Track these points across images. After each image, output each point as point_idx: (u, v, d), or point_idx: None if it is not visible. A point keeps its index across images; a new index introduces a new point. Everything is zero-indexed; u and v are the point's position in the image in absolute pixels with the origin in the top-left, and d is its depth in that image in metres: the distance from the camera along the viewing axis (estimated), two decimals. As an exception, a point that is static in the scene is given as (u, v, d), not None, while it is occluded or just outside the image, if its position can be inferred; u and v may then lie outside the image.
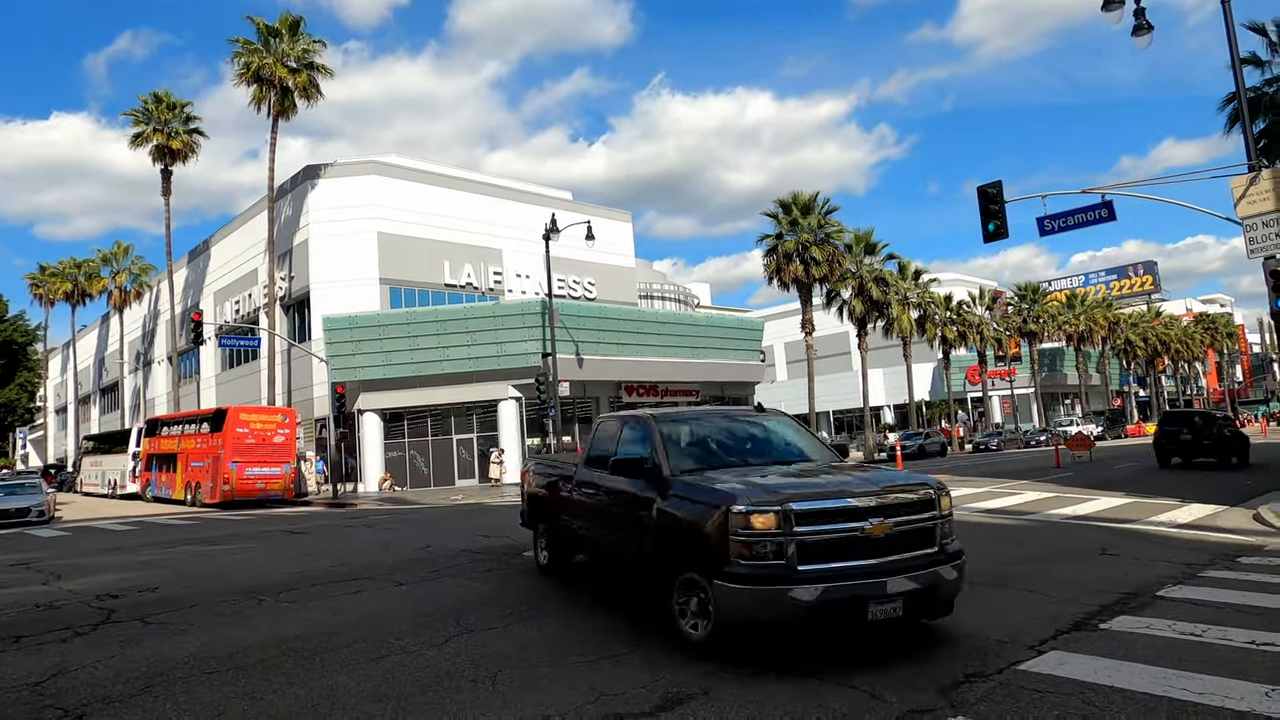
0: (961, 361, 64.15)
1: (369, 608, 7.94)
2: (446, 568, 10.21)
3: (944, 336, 55.85)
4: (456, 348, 33.61)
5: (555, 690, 5.05)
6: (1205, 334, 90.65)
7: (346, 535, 15.66)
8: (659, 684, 5.07)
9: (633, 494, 6.70)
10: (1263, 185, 14.11)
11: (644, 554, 6.41)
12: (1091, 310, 70.18)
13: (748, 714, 4.49)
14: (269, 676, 5.65)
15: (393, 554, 11.97)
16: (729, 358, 41.93)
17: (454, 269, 40.73)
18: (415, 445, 34.44)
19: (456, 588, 8.84)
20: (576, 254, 41.76)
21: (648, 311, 45.83)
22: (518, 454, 33.63)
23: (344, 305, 35.74)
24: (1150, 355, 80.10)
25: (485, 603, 7.86)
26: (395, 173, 40.38)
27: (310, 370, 36.42)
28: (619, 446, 7.42)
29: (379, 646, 6.32)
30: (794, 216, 41.54)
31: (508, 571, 9.82)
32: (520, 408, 33.77)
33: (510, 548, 11.77)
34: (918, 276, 52.04)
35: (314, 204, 38.50)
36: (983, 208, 17.33)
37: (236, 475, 27.53)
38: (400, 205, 39.22)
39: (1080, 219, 16.58)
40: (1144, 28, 15.94)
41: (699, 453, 6.97)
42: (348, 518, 20.56)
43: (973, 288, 65.17)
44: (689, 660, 5.55)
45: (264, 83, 35.78)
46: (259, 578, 10.15)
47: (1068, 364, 74.03)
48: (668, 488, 6.25)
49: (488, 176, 47.82)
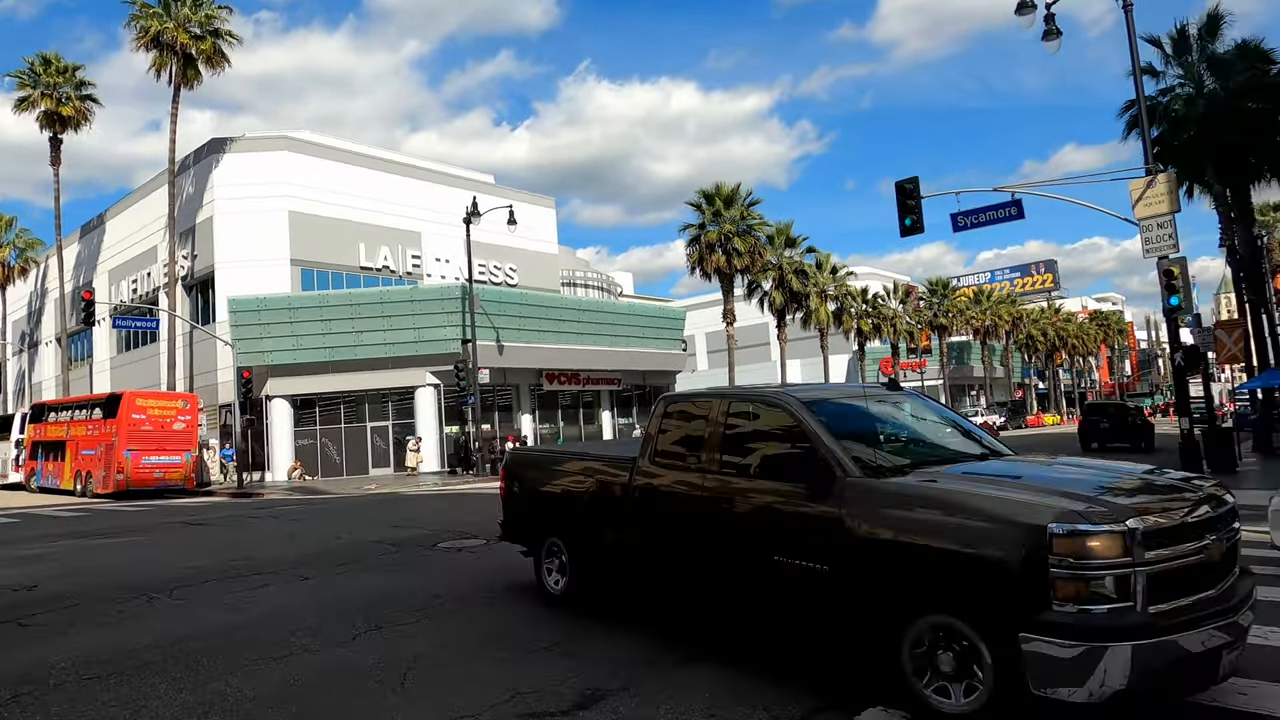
0: (875, 353, 66.01)
1: (271, 604, 7.52)
2: (356, 560, 9.80)
3: (859, 329, 57.31)
4: (372, 332, 32.56)
5: (468, 689, 4.83)
6: (1099, 330, 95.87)
7: (250, 527, 14.95)
8: (579, 679, 4.90)
9: (791, 504, 4.83)
10: (1159, 188, 14.83)
11: (821, 588, 4.59)
12: (997, 306, 73.26)
13: (669, 710, 4.38)
14: (155, 681, 5.24)
15: (299, 546, 11.44)
16: (651, 346, 41.98)
17: (370, 251, 39.45)
18: (328, 433, 33.27)
19: (367, 581, 8.47)
20: (498, 239, 41.02)
21: (570, 299, 45.43)
22: (435, 442, 32.91)
23: (252, 286, 34.13)
24: (1049, 349, 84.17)
25: (398, 597, 7.53)
26: (308, 149, 38.76)
27: (215, 354, 34.70)
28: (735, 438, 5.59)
29: (280, 646, 5.96)
30: (717, 207, 41.79)
31: (424, 563, 9.48)
32: (438, 395, 33.01)
33: (426, 538, 11.41)
34: (835, 270, 53.20)
35: (220, 179, 36.62)
36: (900, 203, 17.71)
37: (132, 464, 26.03)
38: (313, 183, 37.69)
39: (991, 216, 17.12)
40: (1053, 33, 16.53)
41: (872, 445, 5.19)
42: (253, 508, 19.67)
43: (887, 282, 67.09)
44: (612, 654, 5.41)
45: (164, 49, 33.71)
46: (151, 573, 9.52)
47: (974, 357, 77.09)
48: (858, 493, 4.53)
49: (407, 157, 46.46)
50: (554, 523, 7.02)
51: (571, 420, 39.87)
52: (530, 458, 8.19)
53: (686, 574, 5.64)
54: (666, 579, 5.88)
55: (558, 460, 7.39)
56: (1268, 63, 24.63)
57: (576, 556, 6.76)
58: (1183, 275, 14.79)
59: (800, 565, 4.70)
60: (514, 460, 8.02)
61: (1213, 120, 24.20)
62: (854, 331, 57.14)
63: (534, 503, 7.24)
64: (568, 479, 6.94)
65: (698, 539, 5.51)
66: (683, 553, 5.64)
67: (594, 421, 40.76)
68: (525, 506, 7.40)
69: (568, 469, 7.04)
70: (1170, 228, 14.83)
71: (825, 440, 4.85)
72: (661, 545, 5.83)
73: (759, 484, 5.15)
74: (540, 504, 7.16)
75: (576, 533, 6.73)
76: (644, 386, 43.52)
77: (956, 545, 4.03)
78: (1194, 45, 25.39)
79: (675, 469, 5.82)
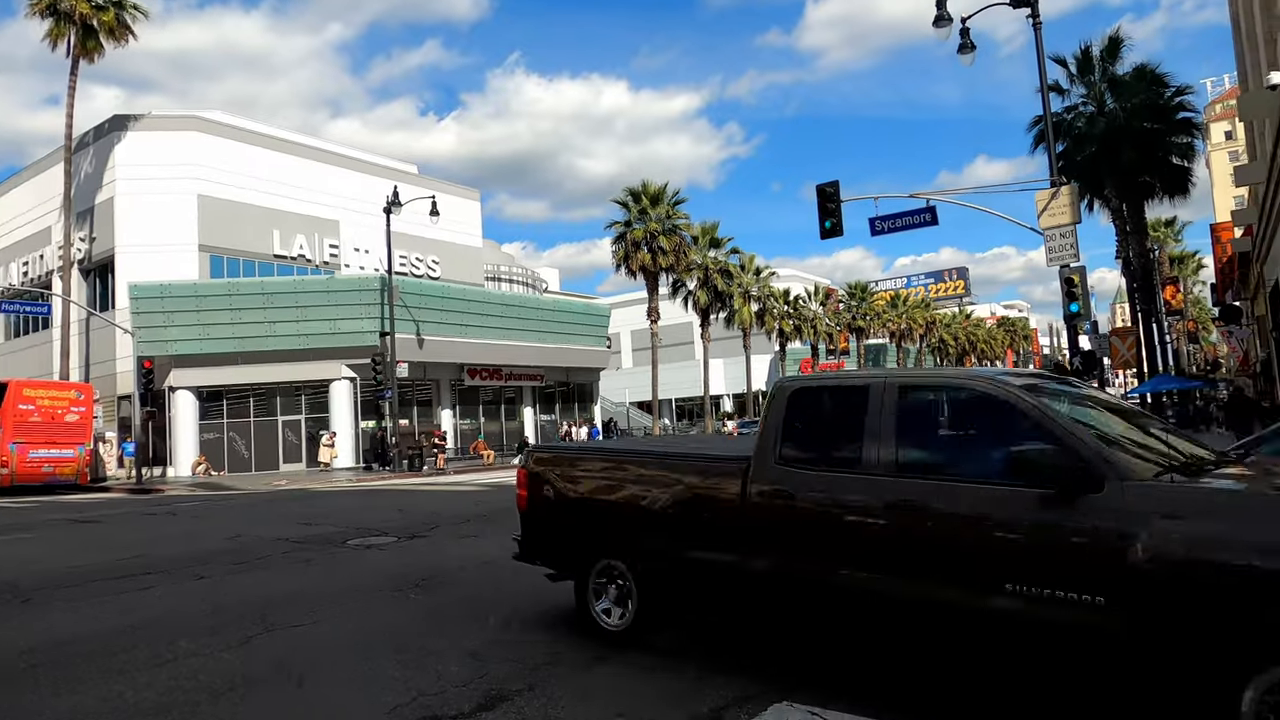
0: (796, 354, 67.33)
1: (161, 605, 7.12)
2: (257, 558, 9.39)
3: (781, 329, 58.34)
4: (285, 323, 31.40)
5: (367, 691, 4.65)
6: (1006, 335, 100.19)
7: (146, 524, 14.20)
8: (483, 680, 4.78)
9: (1030, 514, 3.80)
10: (1062, 200, 15.53)
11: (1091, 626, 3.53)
12: (912, 310, 75.75)
13: (575, 711, 4.31)
14: (28, 689, 4.87)
15: (197, 544, 10.91)
16: (575, 343, 41.79)
17: (285, 239, 38.06)
18: (236, 427, 31.94)
19: (266, 580, 8.12)
20: (421, 230, 40.18)
21: (493, 293, 44.85)
22: (351, 437, 32.00)
23: (156, 272, 32.46)
24: (960, 353, 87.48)
25: (298, 597, 7.24)
26: (221, 131, 37.12)
27: (114, 343, 32.86)
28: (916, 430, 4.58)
29: (168, 649, 5.63)
30: (643, 205, 41.91)
31: (329, 562, 9.15)
32: (355, 389, 32.09)
33: (333, 535, 11.04)
34: (759, 271, 54.06)
35: (123, 158, 34.70)
36: (821, 206, 18.07)
37: (18, 458, 24.44)
38: (226, 167, 36.12)
39: (907, 221, 17.64)
40: (968, 46, 17.12)
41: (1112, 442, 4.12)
42: (151, 505, 18.71)
43: (809, 284, 68.51)
44: (518, 655, 5.30)
45: (62, 17, 31.67)
46: (32, 572, 8.91)
47: (890, 359, 79.47)
48: (1144, 500, 3.54)
49: (326, 143, 45.03)
50: (612, 541, 5.54)
51: (493, 416, 39.37)
52: (569, 455, 6.31)
53: (840, 607, 4.49)
54: (807, 614, 4.69)
55: (615, 459, 5.81)
56: (1162, 86, 26.14)
57: (649, 585, 5.30)
58: (1082, 283, 15.53)
59: (1055, 597, 3.62)
60: (543, 459, 6.18)
61: (1112, 138, 25.57)
62: (776, 332, 58.13)
63: (578, 515, 5.71)
64: (635, 485, 5.44)
65: (864, 561, 4.30)
66: (837, 580, 4.39)
67: (516, 418, 40.35)
68: (563, 519, 5.81)
69: (634, 472, 5.52)
70: (1072, 238, 15.55)
71: (1075, 434, 3.87)
72: (802, 571, 4.54)
73: (972, 489, 4.07)
74: (588, 516, 5.64)
75: (651, 555, 5.26)
76: (568, 383, 43.32)
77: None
78: (1096, 66, 26.76)
79: (818, 472, 4.64)
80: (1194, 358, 54.46)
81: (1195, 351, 56.72)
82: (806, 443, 4.89)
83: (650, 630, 5.35)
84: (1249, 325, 29.93)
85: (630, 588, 5.41)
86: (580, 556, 5.70)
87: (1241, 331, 30.31)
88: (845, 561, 4.38)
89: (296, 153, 39.94)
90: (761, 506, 4.74)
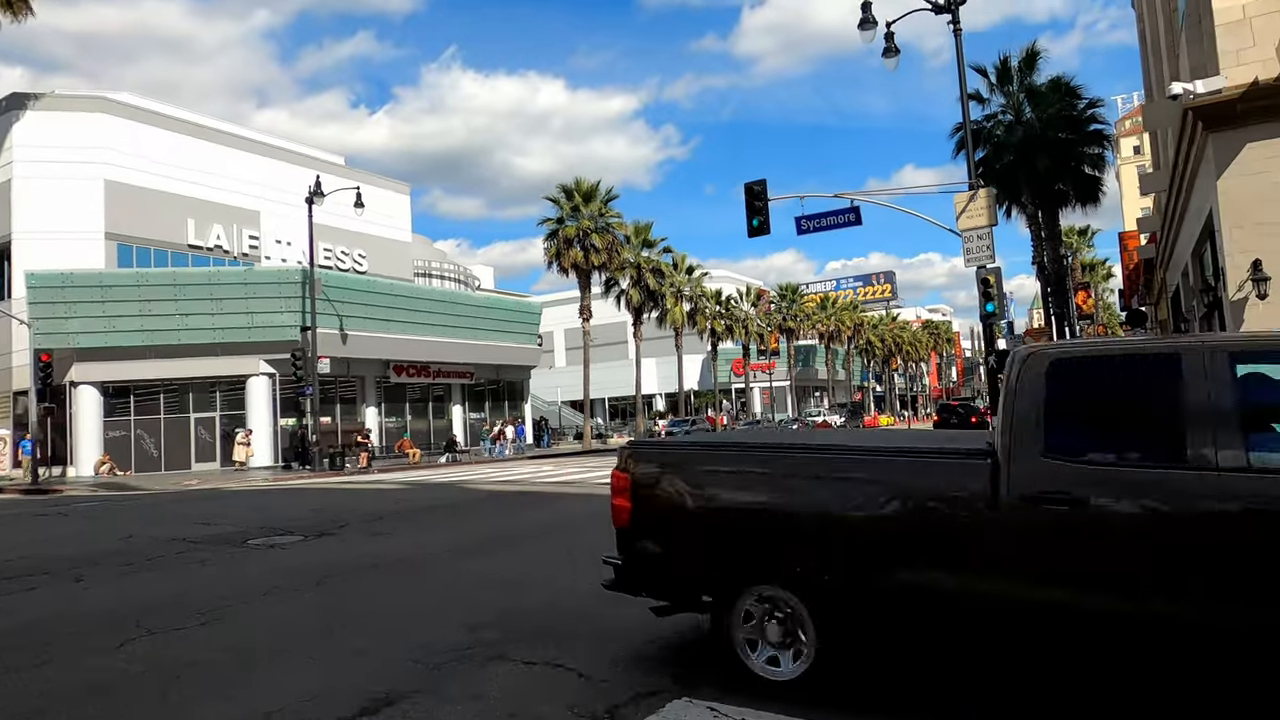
0: (728, 354, 67.96)
1: (39, 609, 6.62)
2: (147, 560, 8.84)
3: (713, 329, 58.75)
4: (199, 315, 30.04)
5: (241, 698, 4.34)
6: (930, 338, 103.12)
7: (35, 525, 13.33)
8: (370, 683, 4.52)
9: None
10: (979, 203, 15.92)
11: None
12: (840, 312, 77.24)
13: (466, 711, 4.09)
14: None
15: (86, 546, 10.25)
16: (506, 340, 41.23)
17: (201, 229, 36.50)
18: (145, 424, 30.41)
19: (154, 582, 7.64)
20: (347, 223, 39.07)
21: (422, 288, 43.91)
22: (269, 435, 30.82)
23: (58, 261, 30.63)
24: (886, 355, 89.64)
25: (185, 598, 6.81)
26: (132, 114, 35.34)
27: (9, 334, 30.92)
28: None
29: (34, 655, 5.20)
30: (576, 202, 41.59)
31: (223, 562, 8.68)
32: (274, 385, 30.91)
33: (234, 535, 10.52)
34: (691, 271, 54.30)
35: (21, 138, 32.70)
36: (748, 204, 18.15)
37: (-103, 456, 22.75)
38: (137, 152, 34.41)
39: (832, 221, 17.85)
40: (892, 50, 17.43)
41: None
42: (44, 505, 17.62)
43: (741, 285, 69.21)
44: (403, 656, 5.04)
45: (-45, -13, 29.71)
46: (-109, 578, 8.20)
47: (819, 360, 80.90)
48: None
49: (247, 130, 43.37)
50: (771, 562, 4.22)
51: (420, 414, 38.52)
52: (698, 453, 4.80)
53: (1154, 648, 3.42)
54: (1092, 657, 3.59)
55: (770, 456, 4.45)
56: (1076, 98, 27.15)
57: (834, 620, 4.05)
58: (997, 284, 15.95)
59: None
60: (657, 457, 4.78)
61: (1029, 147, 26.42)
62: (708, 332, 58.52)
63: (715, 529, 4.36)
64: (805, 489, 4.15)
65: (1205, 588, 3.27)
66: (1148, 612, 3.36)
67: (444, 415, 39.57)
68: (690, 535, 4.43)
69: (807, 472, 4.20)
70: (989, 240, 15.95)
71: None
72: (1088, 601, 3.46)
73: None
74: (733, 531, 4.31)
75: (835, 580, 4.00)
76: (498, 381, 42.72)
77: None
78: (1015, 76, 27.61)
79: (1118, 468, 3.56)
80: (1104, 361, 56.90)
81: (1105, 355, 59.29)
82: (1087, 430, 3.79)
83: (837, 683, 4.05)
84: (1153, 329, 31.40)
85: (800, 623, 4.10)
86: (721, 584, 4.34)
87: (1146, 335, 31.73)
88: (1171, 588, 3.31)
89: (215, 139, 38.35)
90: (1023, 513, 3.58)
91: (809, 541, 4.07)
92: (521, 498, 15.39)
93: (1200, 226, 13.97)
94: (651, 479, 4.60)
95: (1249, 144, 11.31)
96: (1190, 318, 18.90)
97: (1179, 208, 16.75)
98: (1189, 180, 14.33)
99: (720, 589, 4.34)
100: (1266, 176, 10.91)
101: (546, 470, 23.05)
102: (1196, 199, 14.35)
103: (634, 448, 4.86)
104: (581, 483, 18.01)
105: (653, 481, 4.59)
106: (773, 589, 4.19)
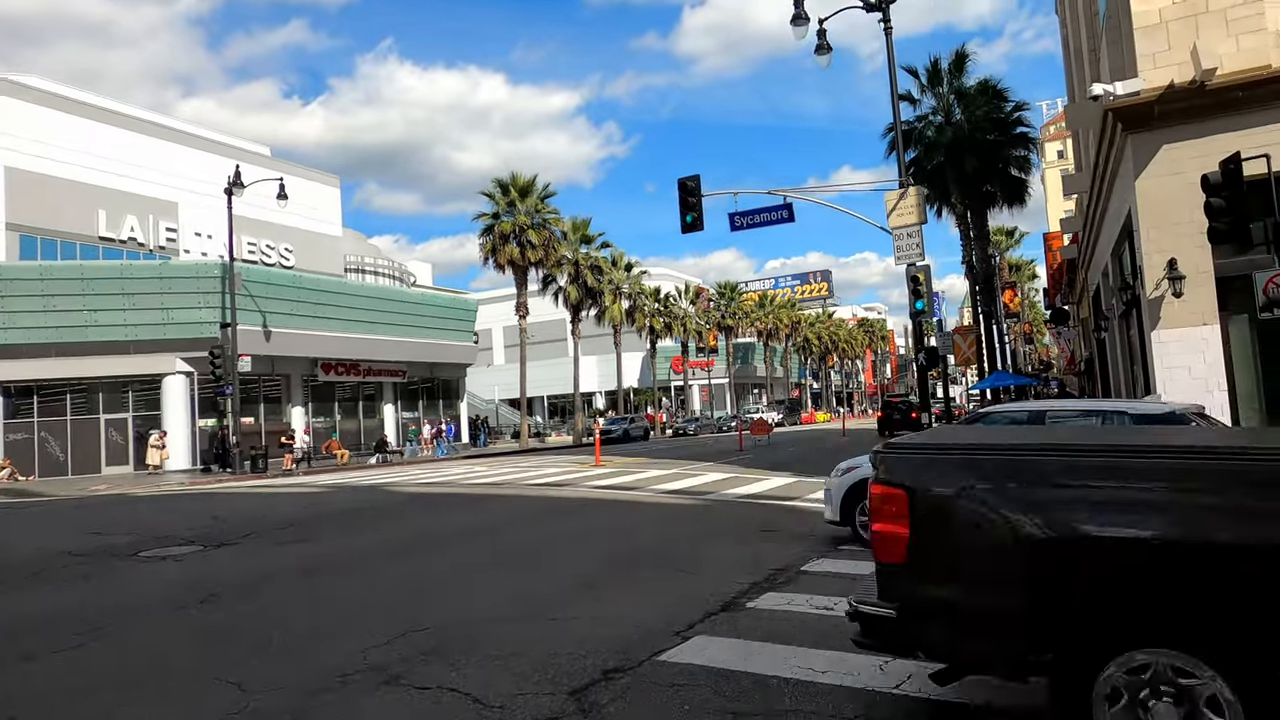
0: (667, 352, 67.93)
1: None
2: (24, 576, 8.11)
3: (652, 327, 58.59)
4: (110, 311, 28.48)
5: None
6: (865, 336, 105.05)
7: (-92, 538, 12.24)
8: (241, 715, 4.07)
9: None
10: (909, 201, 15.97)
11: None
12: (779, 310, 78.02)
13: None
14: None
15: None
16: (441, 338, 40.30)
17: (113, 220, 34.68)
18: (49, 426, 28.69)
19: (22, 601, 6.96)
20: (273, 216, 37.63)
21: (351, 284, 42.57)
22: (186, 436, 29.42)
23: (-48, 252, 28.78)
24: (823, 352, 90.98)
25: (57, 618, 6.19)
26: (36, 97, 33.35)
27: (-102, 331, 28.86)
28: None
29: None
30: (512, 198, 40.90)
31: (109, 576, 8.00)
32: (191, 384, 29.52)
33: (126, 546, 9.78)
34: (630, 268, 54.02)
35: (-89, 122, 30.57)
36: (682, 199, 17.90)
37: None
38: (41, 137, 32.47)
39: (766, 218, 17.74)
40: (824, 48, 17.38)
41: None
42: (-73, 515, 16.32)
43: (680, 283, 69.22)
44: (277, 683, 4.60)
45: None
46: None
47: (758, 357, 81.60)
48: None
49: (167, 119, 41.43)
50: (1164, 618, 3.09)
51: (350, 414, 37.35)
52: (1034, 459, 3.42)
53: None
54: None
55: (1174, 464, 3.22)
56: (1003, 100, 27.75)
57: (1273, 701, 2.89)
58: (927, 282, 16.03)
59: None
60: (960, 464, 3.50)
61: (958, 148, 26.89)
62: (646, 330, 58.35)
63: (1061, 567, 3.19)
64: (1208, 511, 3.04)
65: None
66: None
67: (375, 415, 38.45)
68: (1014, 575, 3.26)
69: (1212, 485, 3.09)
70: (918, 238, 16.02)
71: None
72: None
73: None
74: (1105, 570, 3.14)
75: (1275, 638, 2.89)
76: (432, 379, 41.75)
77: None
78: (945, 78, 28.08)
79: None
80: (1029, 358, 58.74)
81: (1030, 352, 61.21)
82: None
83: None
84: (1075, 327, 32.36)
85: (1215, 706, 2.95)
86: (1075, 647, 3.18)
87: (1069, 333, 32.68)
88: None
89: (131, 127, 36.49)
90: None
91: (1221, 589, 2.97)
92: (447, 499, 14.86)
93: (1120, 227, 14.25)
94: (950, 496, 3.40)
95: (1166, 145, 11.52)
96: (1110, 316, 19.41)
97: (1100, 209, 17.11)
98: (1109, 181, 14.59)
99: (1073, 654, 3.18)
100: (1183, 177, 11.12)
101: (479, 470, 22.48)
102: (1116, 200, 14.63)
103: (918, 450, 3.65)
104: (512, 483, 17.55)
105: (951, 499, 3.39)
106: (1165, 654, 3.05)
